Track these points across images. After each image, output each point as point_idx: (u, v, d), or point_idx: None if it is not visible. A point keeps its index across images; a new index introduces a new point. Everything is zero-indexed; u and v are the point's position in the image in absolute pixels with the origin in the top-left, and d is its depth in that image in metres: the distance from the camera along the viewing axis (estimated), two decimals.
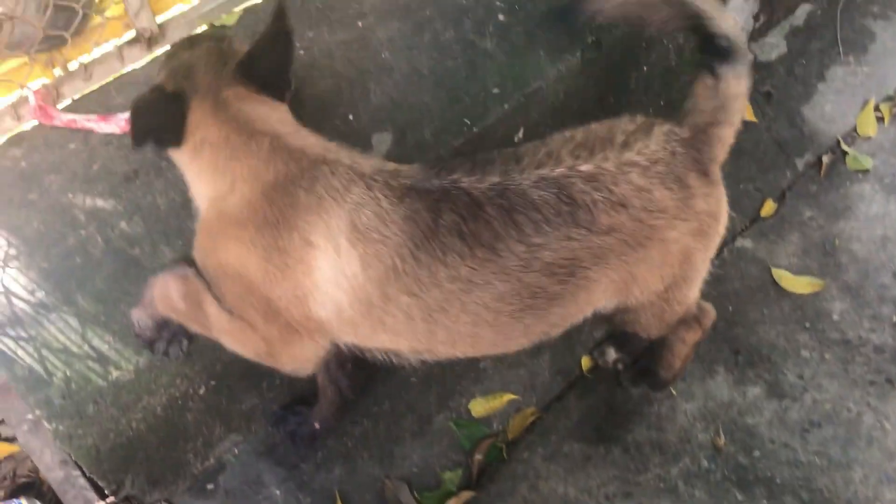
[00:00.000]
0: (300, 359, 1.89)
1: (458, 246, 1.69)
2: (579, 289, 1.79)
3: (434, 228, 1.69)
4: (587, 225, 1.71)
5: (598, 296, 1.85)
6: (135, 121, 1.73)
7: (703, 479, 2.25)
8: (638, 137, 1.80)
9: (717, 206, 1.88)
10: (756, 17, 3.22)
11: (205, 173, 1.79)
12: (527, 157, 1.76)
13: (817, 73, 3.25)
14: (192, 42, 1.93)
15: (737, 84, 1.91)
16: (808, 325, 2.57)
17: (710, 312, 2.21)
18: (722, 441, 2.32)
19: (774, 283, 2.67)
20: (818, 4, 3.40)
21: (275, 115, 1.81)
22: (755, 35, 3.29)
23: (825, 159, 3.01)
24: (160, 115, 1.77)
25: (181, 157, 1.83)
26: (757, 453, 2.29)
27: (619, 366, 2.46)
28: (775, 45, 3.32)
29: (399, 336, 1.81)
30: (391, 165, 1.81)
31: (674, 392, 2.42)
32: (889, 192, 2.92)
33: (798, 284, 2.66)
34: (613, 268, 1.79)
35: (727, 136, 1.91)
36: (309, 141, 1.79)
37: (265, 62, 1.82)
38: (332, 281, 1.71)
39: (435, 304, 1.73)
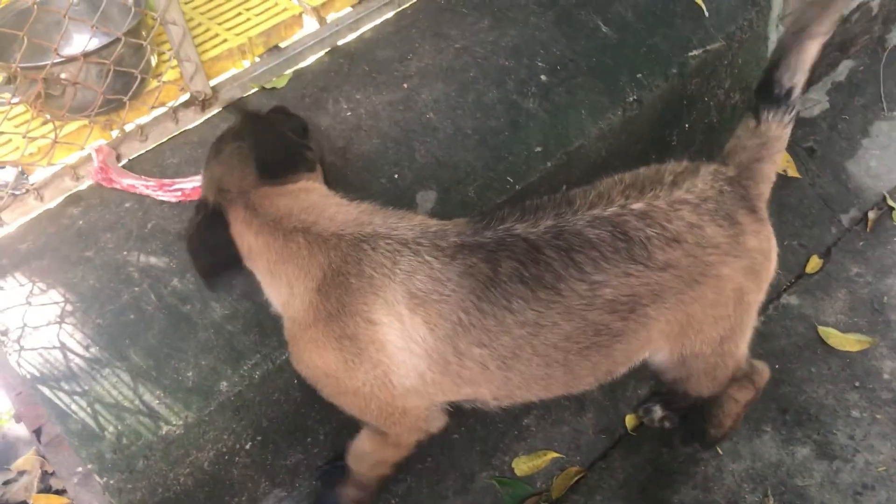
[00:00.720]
0: (412, 429, 1.94)
1: (522, 291, 1.71)
2: (640, 325, 1.80)
3: (494, 278, 1.71)
4: (643, 261, 1.74)
5: (656, 335, 1.86)
6: (195, 257, 1.84)
7: None
8: (686, 177, 1.84)
9: (768, 244, 1.90)
10: None
11: (266, 281, 1.85)
12: (578, 199, 1.80)
13: (861, 129, 3.24)
14: (217, 149, 1.92)
15: (778, 128, 1.94)
16: (857, 384, 2.52)
17: (764, 372, 2.20)
18: (771, 503, 2.27)
19: (822, 340, 2.63)
20: (860, 60, 3.40)
21: (299, 205, 1.81)
22: None
23: (871, 215, 2.98)
24: (211, 238, 1.83)
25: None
26: None
27: (666, 424, 2.44)
28: (817, 101, 3.33)
29: (479, 386, 1.84)
30: (435, 225, 1.83)
31: (720, 452, 2.39)
32: None
33: (846, 342, 2.62)
34: (670, 306, 1.81)
35: (770, 172, 1.94)
36: (340, 220, 1.80)
37: (275, 149, 1.86)
38: (406, 349, 1.75)
39: (506, 350, 1.76)
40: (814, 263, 2.86)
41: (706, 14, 2.83)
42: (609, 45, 2.70)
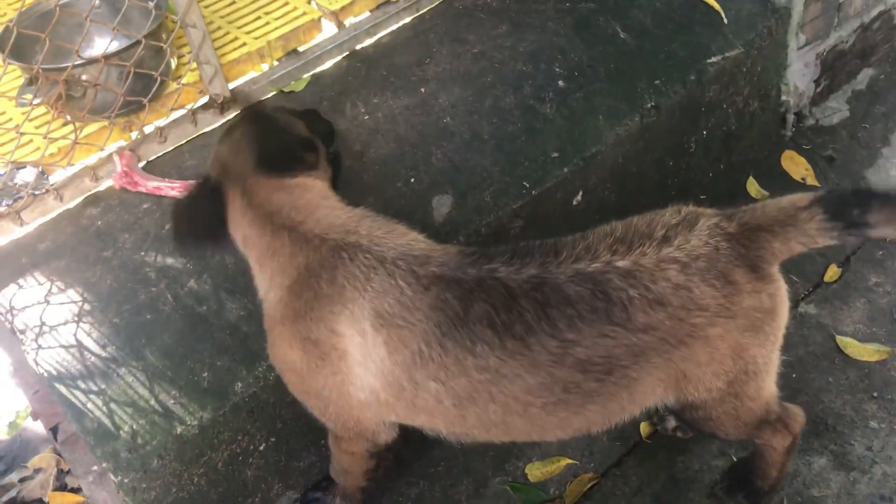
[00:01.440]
0: (361, 438, 1.94)
1: (489, 336, 1.67)
2: (619, 388, 1.74)
3: (463, 317, 1.68)
4: (622, 323, 1.67)
5: (646, 395, 1.80)
6: (175, 214, 1.89)
7: None
8: (680, 231, 1.74)
9: (771, 302, 1.78)
10: (817, 82, 3.22)
11: (255, 269, 1.87)
12: (565, 250, 1.73)
13: (881, 138, 3.21)
14: (229, 129, 1.98)
15: (817, 232, 1.74)
16: (875, 394, 2.49)
17: (798, 416, 2.08)
18: None
19: (840, 350, 2.60)
20: (881, 69, 3.38)
21: (292, 202, 1.82)
22: (816, 100, 3.28)
23: None
24: (203, 207, 1.87)
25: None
26: None
27: (679, 434, 2.42)
28: (837, 109, 3.31)
29: (433, 417, 1.82)
30: (421, 248, 1.78)
31: (735, 460, 2.36)
32: None
33: (865, 352, 2.60)
34: (657, 366, 1.74)
35: (778, 249, 1.76)
36: (327, 223, 1.79)
37: (274, 143, 1.88)
38: (363, 365, 1.74)
39: (463, 391, 1.73)
40: (832, 272, 2.83)
41: (725, 21, 2.83)
42: (627, 52, 2.69)
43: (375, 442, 1.94)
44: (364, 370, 1.75)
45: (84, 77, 2.25)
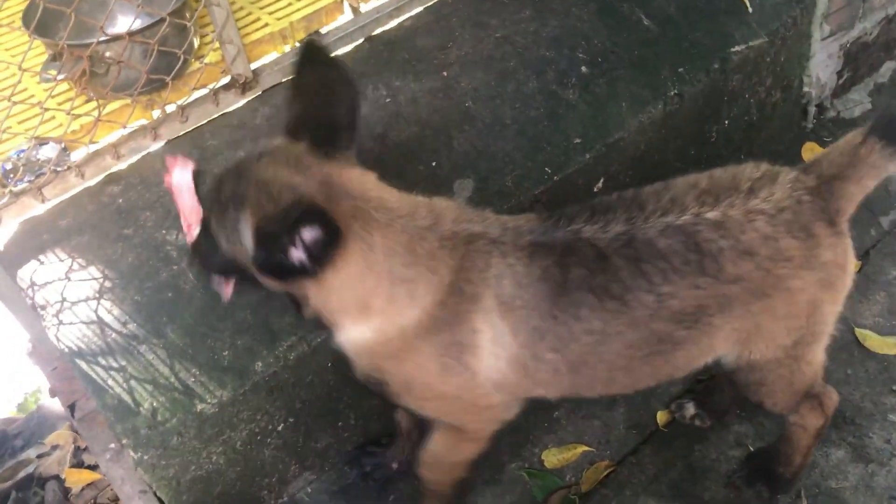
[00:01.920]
0: (491, 421, 1.93)
1: (589, 300, 1.68)
2: (703, 334, 1.77)
3: (564, 284, 1.68)
4: (714, 274, 1.70)
5: (720, 342, 1.83)
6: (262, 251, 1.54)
7: None
8: (764, 184, 1.77)
9: (844, 258, 1.83)
10: (839, 74, 3.20)
11: (369, 290, 1.63)
12: (650, 203, 1.74)
13: None
14: (260, 157, 1.64)
15: (879, 160, 1.81)
16: (895, 387, 2.48)
17: (833, 396, 2.11)
18: None
19: (859, 343, 2.59)
20: None
21: (400, 200, 1.69)
22: (838, 91, 3.26)
23: None
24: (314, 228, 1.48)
25: (317, 285, 1.61)
26: None
27: (697, 422, 2.41)
28: (859, 102, 3.29)
29: (550, 387, 1.85)
30: (505, 220, 1.77)
31: (752, 450, 2.36)
32: None
33: (884, 345, 2.58)
34: (738, 316, 1.77)
35: (854, 193, 1.83)
36: (451, 216, 1.70)
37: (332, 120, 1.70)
38: (494, 354, 1.73)
39: (575, 357, 1.75)
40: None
41: (749, 10, 2.80)
42: (651, 39, 2.68)
43: (503, 420, 1.93)
44: (495, 359, 1.74)
45: (108, 54, 2.25)
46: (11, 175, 2.18)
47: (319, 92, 1.69)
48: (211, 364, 2.02)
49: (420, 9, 2.76)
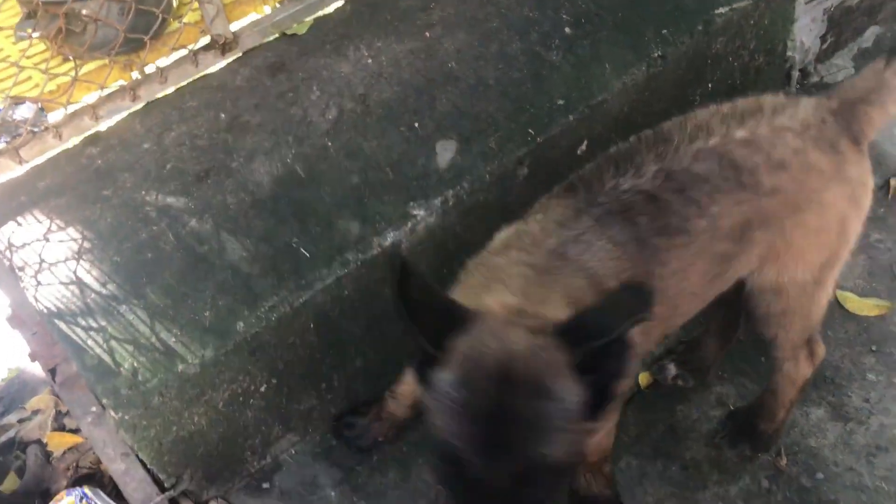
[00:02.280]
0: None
1: (663, 243, 1.70)
2: (745, 249, 1.82)
3: (639, 238, 1.69)
4: (752, 187, 1.74)
5: (755, 259, 1.87)
6: None
7: (764, 500, 2.19)
8: (787, 106, 1.82)
9: (867, 176, 1.89)
10: (823, 39, 3.19)
11: None
12: (675, 135, 1.77)
13: None
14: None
15: None
16: (874, 347, 2.50)
17: (822, 347, 2.16)
18: (784, 462, 2.26)
19: (839, 304, 2.60)
20: (888, 27, 3.35)
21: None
22: (822, 56, 3.25)
23: (893, 182, 2.94)
24: None
25: None
26: (820, 476, 2.23)
27: (679, 382, 2.42)
28: (842, 67, 3.28)
29: (652, 341, 1.90)
30: (557, 212, 1.74)
31: (732, 409, 2.38)
32: None
33: (864, 307, 2.60)
34: (774, 230, 1.81)
35: (875, 117, 1.88)
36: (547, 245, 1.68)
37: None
38: None
39: (670, 301, 1.77)
40: None
41: None
42: (635, 0, 2.66)
43: None
44: None
45: (84, 11, 2.22)
46: None
47: None
48: (192, 324, 2.01)
49: None
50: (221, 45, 2.44)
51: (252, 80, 2.42)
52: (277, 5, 2.61)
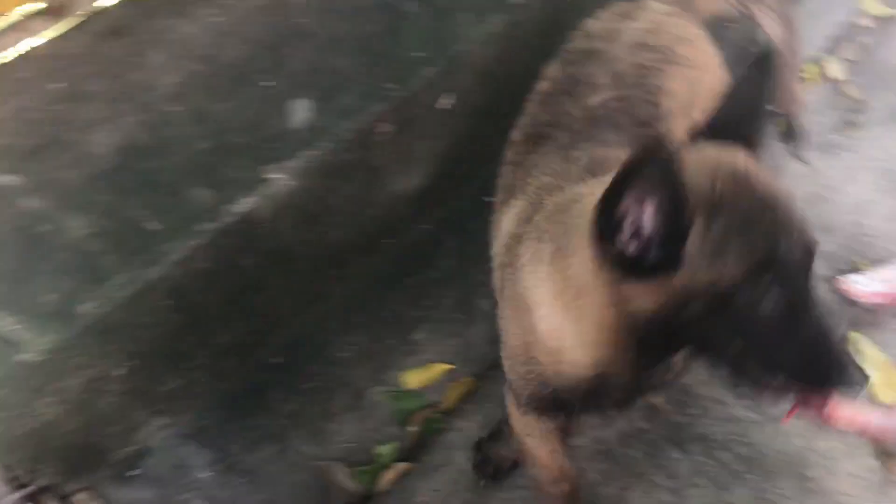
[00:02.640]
0: None
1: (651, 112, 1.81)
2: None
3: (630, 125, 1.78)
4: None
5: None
6: None
7: (639, 439, 2.22)
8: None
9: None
10: None
11: None
12: (598, 42, 1.94)
13: None
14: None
15: None
16: None
17: None
18: (662, 400, 2.30)
19: None
20: None
21: None
22: None
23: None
24: None
25: None
26: (693, 411, 2.28)
27: None
28: None
29: None
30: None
31: None
32: None
33: None
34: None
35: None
36: None
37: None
38: None
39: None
40: None
41: None
42: None
43: None
44: None
45: None
46: None
47: None
48: (32, 310, 1.87)
49: None
50: (54, 10, 2.27)
51: (90, 47, 2.27)
52: None
